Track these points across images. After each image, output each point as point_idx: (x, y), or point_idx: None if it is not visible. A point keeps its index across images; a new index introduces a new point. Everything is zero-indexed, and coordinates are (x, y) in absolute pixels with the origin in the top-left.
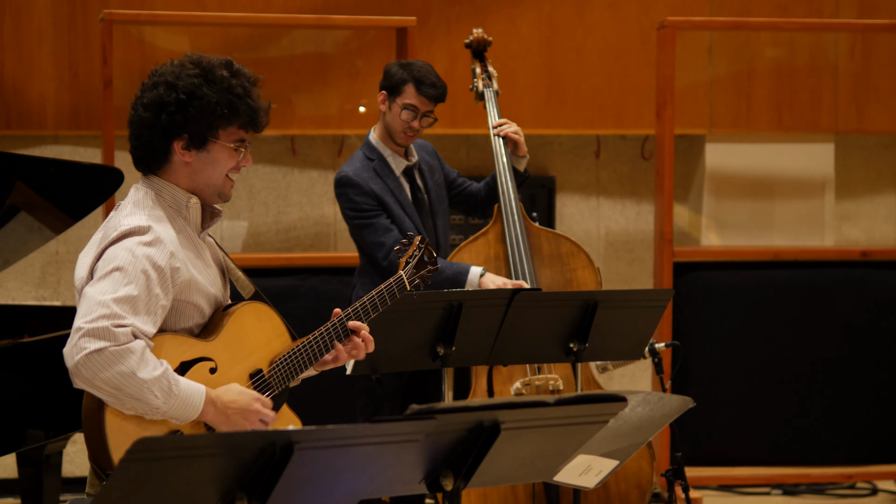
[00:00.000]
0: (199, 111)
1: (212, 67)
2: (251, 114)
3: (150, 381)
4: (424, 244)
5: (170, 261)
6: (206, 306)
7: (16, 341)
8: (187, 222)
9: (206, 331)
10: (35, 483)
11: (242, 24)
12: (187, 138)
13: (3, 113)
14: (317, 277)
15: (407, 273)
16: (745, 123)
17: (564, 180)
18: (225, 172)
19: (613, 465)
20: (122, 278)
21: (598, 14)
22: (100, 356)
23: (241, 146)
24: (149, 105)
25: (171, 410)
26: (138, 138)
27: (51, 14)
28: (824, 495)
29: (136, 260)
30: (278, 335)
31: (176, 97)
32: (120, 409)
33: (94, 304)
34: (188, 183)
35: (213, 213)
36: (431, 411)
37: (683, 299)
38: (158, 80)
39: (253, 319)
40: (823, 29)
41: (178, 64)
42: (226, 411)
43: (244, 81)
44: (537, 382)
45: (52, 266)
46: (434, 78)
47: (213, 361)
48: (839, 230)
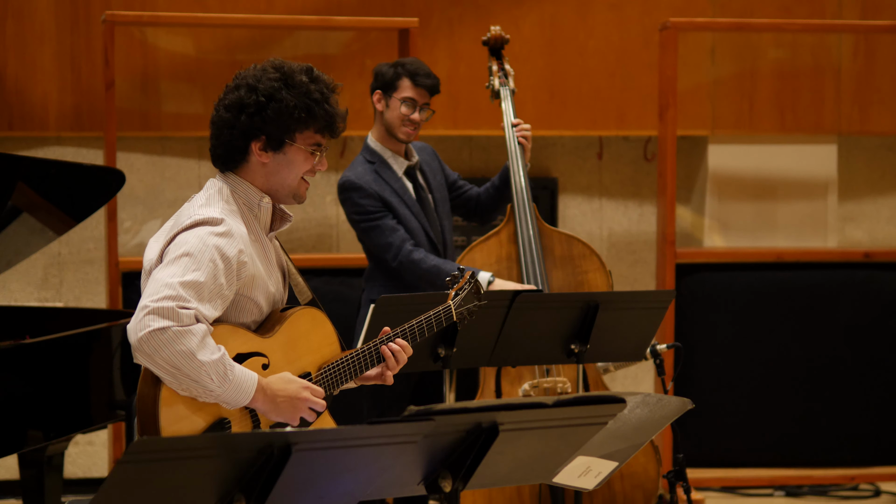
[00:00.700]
0: (277, 114)
1: (292, 72)
2: (328, 119)
3: (208, 364)
4: (474, 280)
5: (238, 255)
6: (266, 304)
7: (17, 343)
8: (258, 221)
9: (263, 328)
10: (36, 484)
11: (245, 25)
12: (265, 140)
13: (5, 114)
14: (319, 279)
15: (455, 304)
16: (747, 124)
17: (567, 181)
18: (300, 175)
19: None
20: (191, 264)
21: (601, 15)
22: (162, 334)
23: (317, 150)
24: (230, 106)
25: (224, 394)
26: (218, 137)
27: (53, 15)
28: (827, 497)
29: (206, 248)
30: (329, 343)
31: (256, 99)
32: (176, 388)
33: (162, 285)
34: (263, 183)
35: (284, 217)
36: (429, 413)
37: (686, 301)
38: (241, 82)
39: (308, 324)
40: (826, 30)
41: (260, 68)
42: (275, 399)
43: (322, 87)
44: (545, 385)
45: (55, 267)
46: (427, 69)
47: (266, 357)
48: (842, 231)
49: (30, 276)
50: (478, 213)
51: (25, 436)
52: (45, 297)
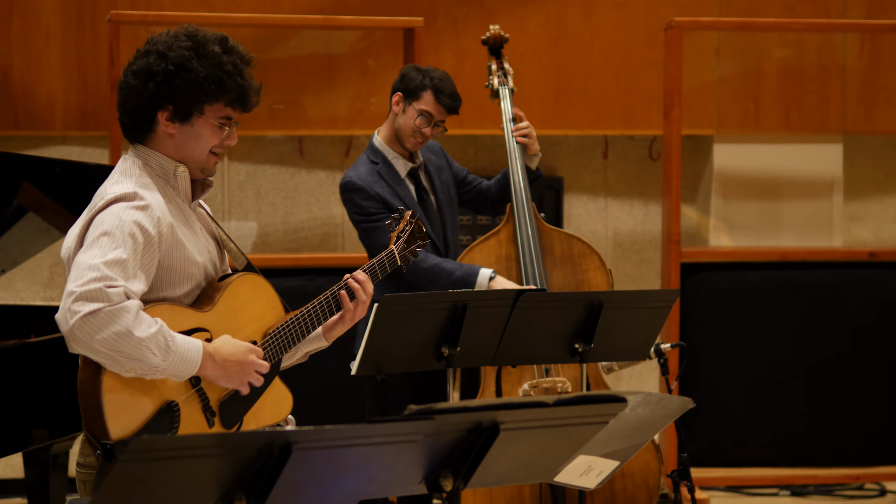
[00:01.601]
0: (186, 84)
1: (205, 42)
2: (239, 92)
3: (147, 339)
4: (415, 219)
5: (157, 226)
6: (197, 273)
7: (23, 341)
8: (176, 191)
9: (201, 301)
10: (41, 483)
11: (250, 25)
12: (172, 110)
13: (11, 114)
14: (324, 278)
15: (398, 248)
16: (752, 124)
17: (572, 181)
18: (208, 149)
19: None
20: (111, 242)
21: (606, 15)
22: (95, 318)
23: (226, 124)
24: (138, 73)
25: (170, 367)
26: (125, 105)
27: (59, 15)
28: (832, 496)
29: (123, 224)
30: (272, 307)
31: (164, 67)
32: (119, 371)
33: (85, 268)
34: (173, 154)
35: (205, 185)
36: (429, 412)
37: (691, 300)
38: (151, 48)
39: (248, 291)
40: (831, 29)
41: (173, 35)
42: (224, 364)
43: (236, 59)
44: (545, 385)
45: (61, 266)
46: (453, 89)
47: (208, 332)
48: (847, 231)
49: (35, 276)
50: (488, 206)
51: (30, 434)
52: (51, 296)
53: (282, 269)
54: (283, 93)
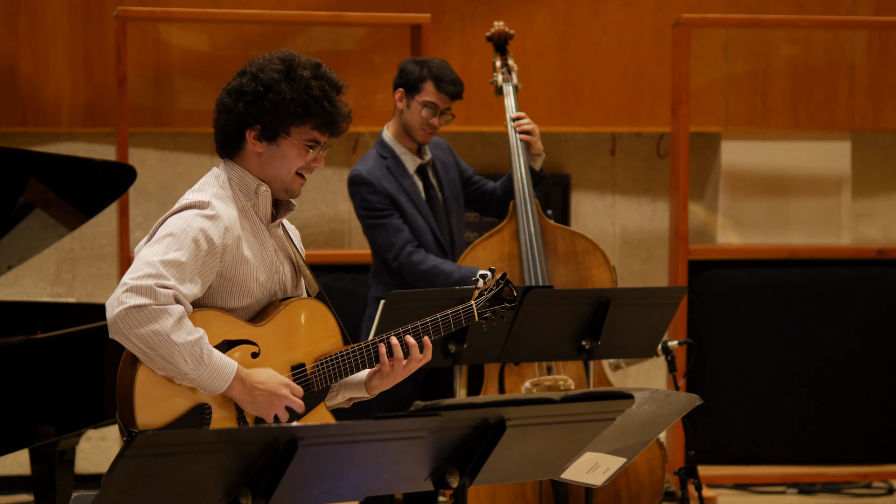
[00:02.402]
0: (273, 105)
1: (297, 66)
2: (325, 116)
3: (182, 346)
4: (505, 281)
5: (223, 237)
6: (257, 290)
7: (30, 337)
8: (255, 209)
9: (257, 317)
10: (48, 479)
11: (257, 21)
12: (260, 129)
13: (18, 110)
14: (330, 275)
15: (478, 304)
16: (760, 121)
17: (580, 178)
18: (293, 170)
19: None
20: (174, 243)
21: (614, 11)
22: (139, 312)
23: (312, 146)
24: (231, 91)
25: (199, 378)
26: (218, 121)
27: (66, 11)
28: (840, 494)
29: (190, 229)
30: (329, 336)
31: (255, 88)
32: (151, 367)
33: (143, 262)
34: (258, 172)
35: (289, 207)
36: (436, 408)
37: (698, 297)
38: (247, 69)
39: (306, 315)
40: (840, 26)
41: (268, 58)
42: (252, 391)
43: (325, 84)
44: (547, 383)
45: (67, 263)
46: (453, 75)
47: (256, 346)
48: (855, 228)
49: (42, 272)
50: (493, 207)
51: (37, 431)
52: (58, 292)
53: None
54: None
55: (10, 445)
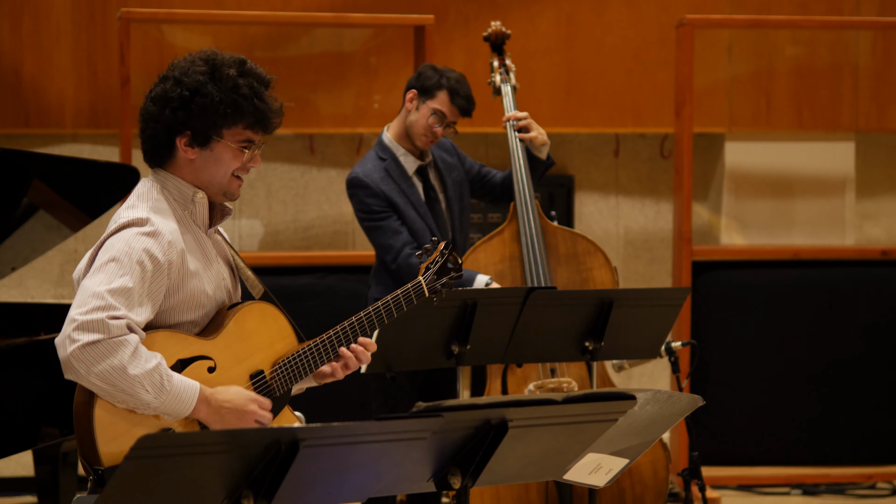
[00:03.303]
0: (201, 109)
1: (221, 65)
2: (257, 115)
3: (142, 376)
4: (449, 250)
5: (167, 253)
6: (207, 302)
7: (33, 339)
8: (193, 217)
9: (207, 330)
10: (51, 481)
11: (261, 23)
12: (190, 135)
13: (22, 112)
14: (334, 276)
15: (427, 279)
16: (764, 122)
17: (583, 179)
18: (230, 172)
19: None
20: (118, 269)
21: (617, 12)
22: (93, 349)
23: (247, 146)
24: (155, 99)
25: (162, 406)
26: (144, 131)
27: (69, 13)
28: (844, 495)
29: (132, 251)
30: (283, 337)
31: (180, 93)
32: (111, 402)
33: (89, 295)
34: (193, 179)
35: (224, 212)
36: (438, 409)
37: (702, 298)
38: (169, 73)
39: (257, 320)
40: (844, 27)
41: (190, 60)
42: (220, 410)
43: (252, 81)
44: (551, 385)
45: (71, 264)
46: (468, 92)
47: (211, 360)
48: (860, 229)
49: (46, 273)
50: (504, 197)
51: (41, 432)
52: (62, 293)
53: (292, 267)
54: (293, 91)
55: (14, 447)
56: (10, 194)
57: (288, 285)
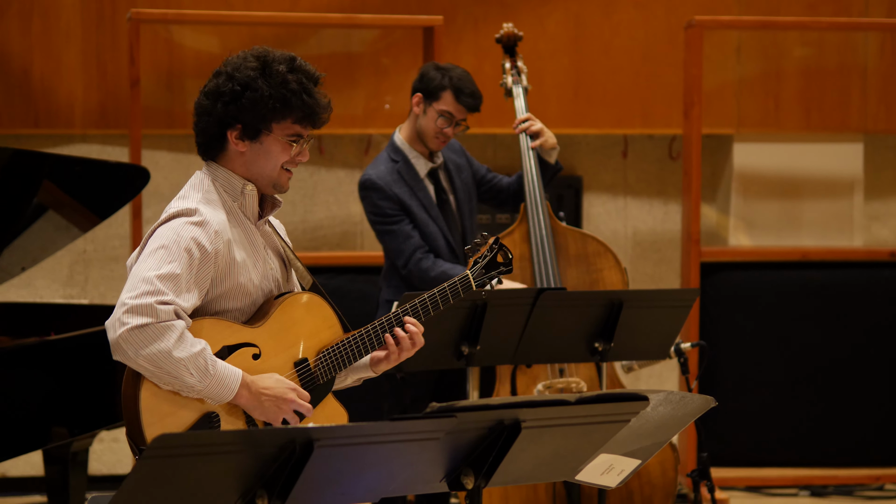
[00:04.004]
0: (251, 103)
1: (272, 62)
2: (306, 110)
3: (187, 360)
4: (499, 245)
5: (214, 242)
6: (253, 291)
7: (43, 339)
8: (243, 209)
9: (254, 318)
10: (61, 481)
11: (269, 24)
12: (241, 129)
13: (31, 112)
14: (343, 276)
15: (474, 273)
16: (773, 123)
17: (591, 180)
18: (279, 165)
19: (635, 464)
20: (166, 255)
21: (626, 13)
22: (142, 332)
23: (295, 140)
24: (208, 93)
25: (205, 390)
26: (197, 125)
27: (79, 13)
28: (852, 497)
29: (180, 239)
30: (329, 326)
31: (231, 88)
32: (158, 383)
33: (139, 280)
34: (243, 171)
35: (275, 203)
36: (451, 409)
37: (711, 300)
38: (222, 69)
39: (303, 309)
40: (852, 28)
41: (242, 56)
42: (259, 397)
43: (302, 77)
44: (560, 385)
45: (80, 265)
46: (473, 87)
47: (256, 347)
48: (868, 230)
49: (55, 273)
50: (509, 202)
51: (50, 432)
52: (71, 293)
53: None
54: None
55: (24, 446)
56: (20, 194)
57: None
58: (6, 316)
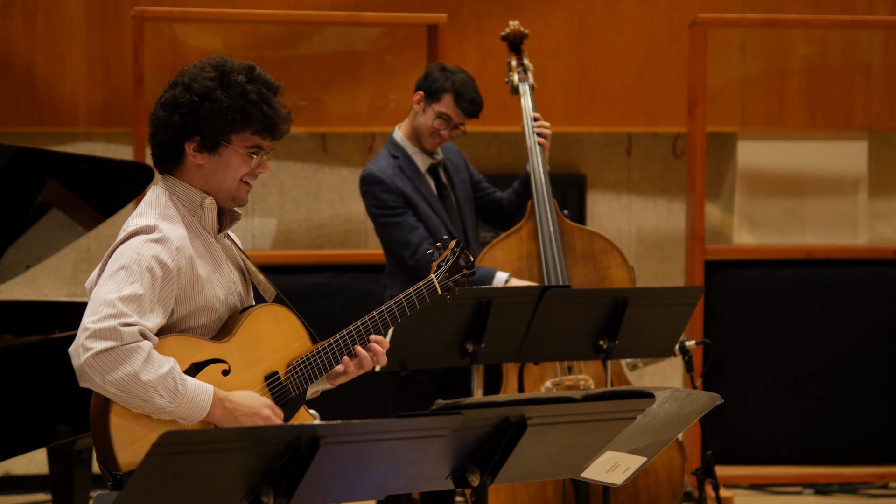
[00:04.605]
0: (210, 114)
1: (230, 71)
2: (266, 121)
3: (155, 381)
4: (460, 248)
5: (176, 259)
6: (219, 306)
7: (47, 337)
8: (202, 223)
9: (221, 333)
10: (65, 478)
11: (273, 22)
12: (199, 140)
13: (35, 110)
14: (347, 275)
15: (439, 277)
16: (777, 121)
17: (595, 178)
18: (238, 177)
19: (641, 461)
20: (127, 277)
21: (630, 11)
22: (107, 356)
23: (255, 152)
24: (165, 104)
25: (177, 410)
26: (154, 136)
27: (83, 12)
28: (857, 495)
29: (141, 258)
30: (297, 338)
31: (189, 99)
32: (127, 408)
33: (100, 303)
34: (202, 184)
35: (234, 217)
36: (457, 406)
37: (715, 297)
38: (178, 79)
39: (270, 322)
40: (856, 26)
41: (199, 66)
42: (234, 412)
43: (261, 87)
44: (568, 383)
45: (84, 262)
46: (474, 93)
47: (226, 363)
48: (872, 228)
49: (59, 272)
50: (499, 217)
51: (54, 430)
52: (75, 292)
53: (305, 265)
54: (306, 90)
55: (29, 444)
56: (24, 192)
57: (300, 284)
58: (10, 314)
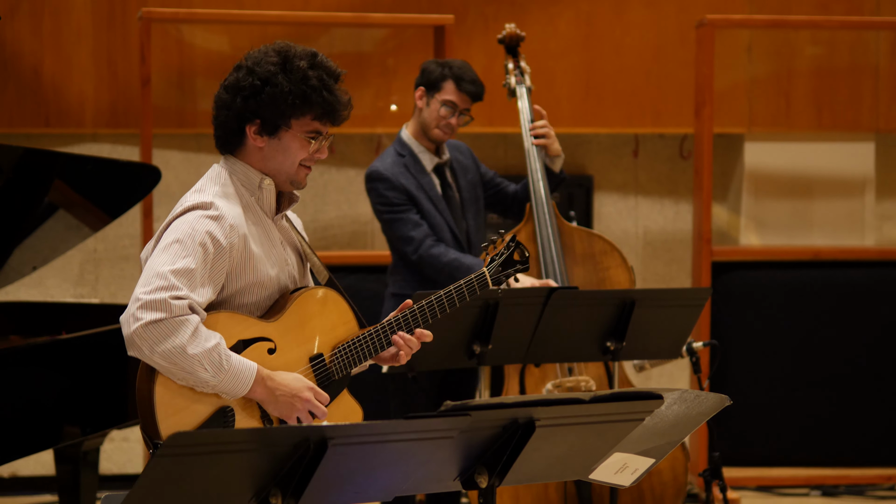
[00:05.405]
0: (271, 98)
1: (293, 57)
2: (325, 106)
3: (201, 355)
4: (515, 243)
5: (229, 236)
6: (269, 285)
7: (54, 338)
8: (260, 203)
9: (270, 312)
10: (72, 480)
11: (280, 23)
12: (259, 123)
13: (42, 111)
14: (354, 276)
15: (491, 270)
16: (784, 122)
17: (602, 179)
18: (297, 161)
19: (649, 463)
20: (181, 250)
21: (637, 12)
22: (156, 328)
23: (314, 137)
24: (228, 87)
25: (220, 385)
26: (217, 118)
27: (90, 13)
28: (864, 497)
29: (195, 233)
30: (344, 322)
31: (251, 82)
32: (172, 379)
33: (153, 275)
34: (261, 166)
35: (292, 199)
36: (466, 408)
37: (722, 299)
38: (242, 63)
39: (319, 304)
40: (864, 27)
41: (263, 50)
42: (275, 392)
43: (322, 73)
44: (569, 384)
45: (91, 264)
46: (474, 76)
47: (272, 342)
48: (879, 230)
49: (66, 273)
50: (514, 209)
51: (61, 431)
52: (81, 293)
53: None
54: None
55: (36, 446)
56: (31, 194)
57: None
58: (17, 315)
